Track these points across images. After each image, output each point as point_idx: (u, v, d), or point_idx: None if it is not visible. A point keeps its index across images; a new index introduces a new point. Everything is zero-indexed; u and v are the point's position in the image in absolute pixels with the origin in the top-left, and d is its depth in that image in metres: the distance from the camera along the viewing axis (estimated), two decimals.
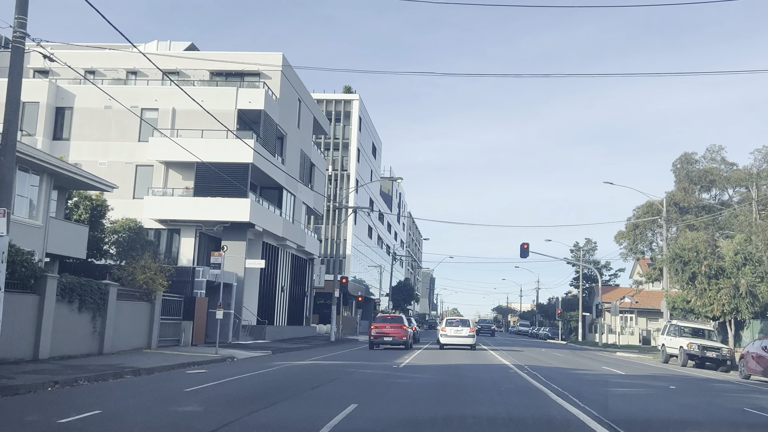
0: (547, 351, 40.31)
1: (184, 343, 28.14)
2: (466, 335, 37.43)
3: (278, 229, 39.91)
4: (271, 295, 41.70)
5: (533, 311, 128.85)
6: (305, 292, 50.22)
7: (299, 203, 44.79)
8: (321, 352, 30.57)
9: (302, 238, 45.87)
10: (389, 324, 36.81)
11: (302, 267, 49.20)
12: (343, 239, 64.89)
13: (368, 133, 72.84)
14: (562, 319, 75.45)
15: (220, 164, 34.57)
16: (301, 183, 45.04)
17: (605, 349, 52.68)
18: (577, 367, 24.14)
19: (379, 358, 25.55)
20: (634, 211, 62.56)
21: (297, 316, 48.07)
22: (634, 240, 60.45)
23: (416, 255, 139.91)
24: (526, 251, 54.24)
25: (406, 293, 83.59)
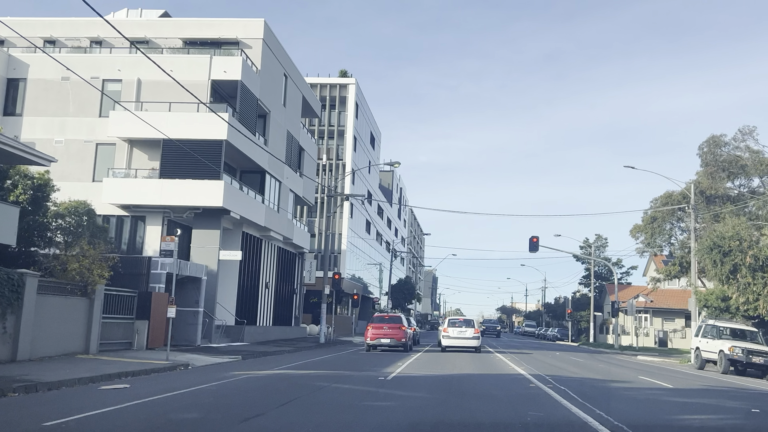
0: (562, 355, 35.85)
1: (137, 346, 23.76)
2: (470, 337, 33.07)
3: (260, 217, 35.52)
4: (252, 292, 37.31)
5: (539, 311, 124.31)
6: (294, 290, 45.81)
7: (285, 190, 40.39)
8: (302, 356, 26.18)
9: (289, 229, 41.48)
10: (387, 325, 32.62)
11: (290, 262, 44.80)
12: (338, 233, 60.51)
13: (366, 121, 68.42)
14: (572, 319, 70.96)
15: (189, 141, 30.23)
16: (288, 167, 40.64)
17: (623, 352, 48.18)
18: (609, 378, 19.68)
19: (366, 366, 21.17)
20: (651, 203, 58.06)
21: (284, 315, 43.67)
22: (651, 234, 55.88)
23: (418, 253, 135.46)
24: (536, 245, 49.89)
25: (407, 292, 79.13)
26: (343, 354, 28.91)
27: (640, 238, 58.30)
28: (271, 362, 22.37)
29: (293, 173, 41.99)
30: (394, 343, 32.59)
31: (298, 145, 43.19)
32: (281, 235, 39.98)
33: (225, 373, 17.51)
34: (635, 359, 37.86)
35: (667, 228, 56.47)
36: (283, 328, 42.49)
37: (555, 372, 20.73)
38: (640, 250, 58.76)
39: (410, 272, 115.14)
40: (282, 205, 39.53)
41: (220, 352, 25.67)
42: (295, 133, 41.94)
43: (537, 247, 50.29)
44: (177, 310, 28.47)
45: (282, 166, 39.28)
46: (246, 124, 32.99)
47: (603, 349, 51.03)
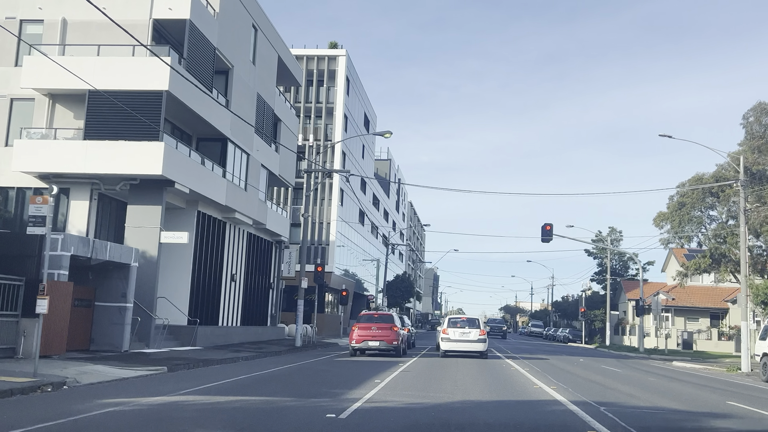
0: (587, 362, 29.43)
1: (23, 353, 17.41)
2: (474, 339, 26.75)
3: (219, 194, 29.19)
4: (212, 286, 30.96)
5: (546, 311, 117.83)
6: (271, 284, 39.48)
7: (255, 165, 34.03)
8: (253, 367, 19.85)
9: (262, 212, 35.14)
10: (376, 325, 26.52)
11: (265, 251, 38.46)
12: (326, 222, 54.16)
13: (358, 100, 62.01)
14: (586, 318, 64.55)
15: (123, 93, 23.97)
16: (259, 138, 34.29)
17: (650, 356, 41.76)
18: (697, 408, 12.87)
19: (327, 384, 14.85)
20: (677, 188, 51.62)
21: (257, 314, 37.32)
22: (679, 222, 49.44)
23: (418, 250, 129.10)
24: (549, 233, 43.60)
25: (405, 289, 72.74)
26: (311, 363, 22.54)
27: (665, 227, 51.87)
28: (200, 377, 16.07)
29: (266, 146, 35.64)
30: (384, 347, 26.40)
31: (273, 114, 36.82)
32: (250, 219, 33.64)
33: (97, 400, 11.20)
34: (673, 366, 31.50)
35: (696, 216, 50.05)
36: (255, 329, 36.15)
37: (605, 395, 14.31)
38: (664, 241, 52.26)
39: (410, 269, 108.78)
40: (252, 182, 33.17)
41: (144, 361, 19.33)
42: (268, 99, 35.57)
43: (550, 236, 44.06)
44: (97, 306, 22.20)
45: (250, 135, 32.94)
46: (199, 77, 26.66)
47: (627, 353, 44.61)
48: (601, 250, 78.73)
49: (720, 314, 64.10)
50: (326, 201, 54.49)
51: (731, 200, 47.18)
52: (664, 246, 52.92)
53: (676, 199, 51.56)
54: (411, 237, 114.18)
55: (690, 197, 49.49)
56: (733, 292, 64.34)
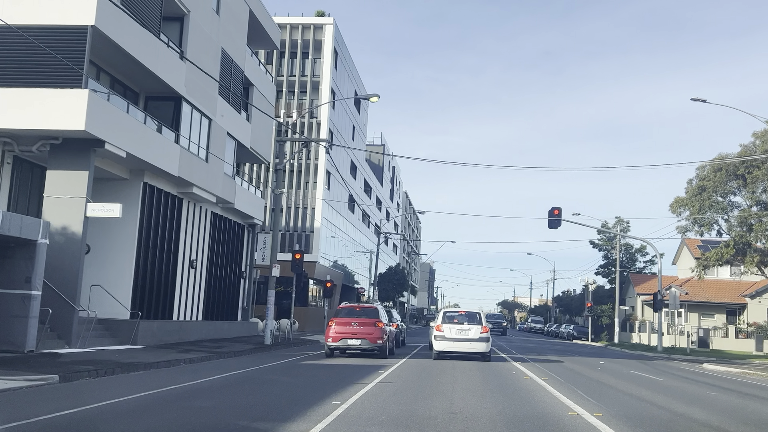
0: (611, 365, 24.68)
1: None
2: (474, 338, 22.00)
3: (171, 163, 24.35)
4: (164, 274, 26.15)
5: (546, 306, 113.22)
6: (242, 273, 34.69)
7: (219, 133, 29.18)
8: (191, 374, 15.07)
9: (229, 189, 30.33)
10: (357, 320, 21.75)
11: (235, 236, 33.65)
12: (311, 207, 49.33)
13: (348, 76, 57.08)
14: (592, 314, 59.87)
15: (38, 28, 19.10)
16: (225, 102, 29.44)
17: (671, 356, 37.07)
18: None
19: (259, 409, 10.11)
20: (697, 171, 46.91)
21: (224, 307, 32.52)
22: (700, 207, 44.72)
23: (414, 243, 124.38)
24: (557, 219, 39.02)
25: (397, 282, 67.98)
26: (266, 369, 17.73)
27: (683, 213, 47.15)
28: (88, 392, 11.33)
29: (234, 113, 30.79)
30: (367, 346, 21.67)
31: (243, 77, 31.94)
32: (214, 196, 28.81)
33: None
34: (707, 370, 26.81)
35: (717, 201, 45.33)
36: (220, 325, 31.36)
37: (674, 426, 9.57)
38: (682, 229, 47.53)
39: (404, 262, 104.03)
40: (214, 151, 28.31)
41: (40, 365, 14.53)
42: (236, 58, 30.69)
43: (559, 221, 39.40)
44: (11, 295, 17.39)
45: (213, 97, 28.10)
46: (142, 18, 21.79)
47: (643, 353, 39.90)
48: (606, 241, 74.07)
49: (737, 310, 59.52)
50: (311, 184, 49.66)
51: (760, 184, 42.54)
52: (682, 234, 48.30)
53: (695, 183, 46.83)
54: (406, 229, 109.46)
55: (711, 180, 44.76)
56: (751, 286, 59.71)
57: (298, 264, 33.85)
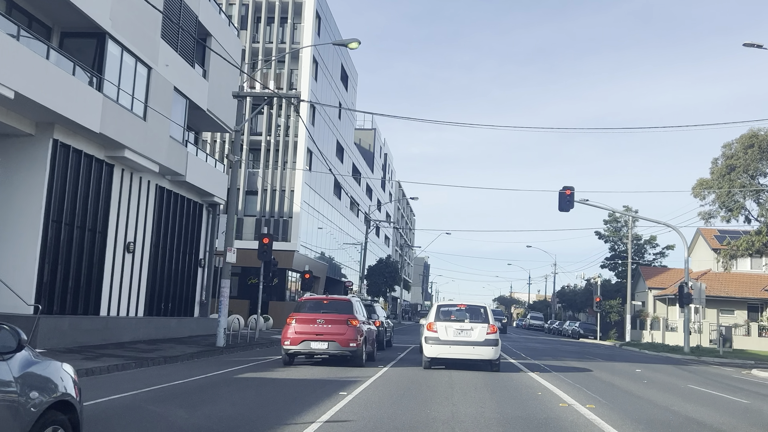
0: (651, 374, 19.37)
1: None
2: (479, 340, 16.62)
3: (89, 115, 18.95)
4: (87, 258, 20.77)
5: (546, 301, 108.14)
6: (200, 262, 29.32)
7: (164, 87, 23.72)
8: None
9: (177, 157, 24.95)
10: (324, 316, 16.33)
11: (190, 216, 28.27)
12: (289, 189, 43.92)
13: (334, 47, 51.62)
14: (601, 310, 54.69)
15: None
16: (171, 49, 24.02)
17: (701, 358, 31.87)
18: None
19: None
20: (723, 149, 41.74)
21: (176, 301, 27.16)
22: (728, 190, 39.53)
23: (408, 236, 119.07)
24: (569, 199, 33.99)
25: (389, 275, 62.64)
26: (189, 385, 12.41)
27: (708, 197, 42.00)
28: None
29: (184, 65, 25.37)
30: (336, 351, 16.35)
31: (197, 23, 26.47)
32: (156, 164, 23.40)
33: None
34: (759, 377, 21.56)
35: (750, 182, 40.16)
36: (169, 322, 26.01)
37: None
38: (705, 215, 42.44)
39: (397, 256, 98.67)
40: (158, 108, 22.88)
41: None
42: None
43: (570, 203, 34.36)
44: None
45: (153, 41, 22.68)
46: None
47: (669, 354, 34.65)
48: (613, 232, 68.90)
49: (759, 306, 54.38)
50: (289, 164, 44.23)
51: None
52: (705, 221, 43.11)
53: (721, 162, 41.67)
54: (399, 220, 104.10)
55: (742, 159, 39.53)
56: None
57: (266, 250, 28.52)
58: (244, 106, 24.32)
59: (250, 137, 44.27)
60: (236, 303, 40.22)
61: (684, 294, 34.65)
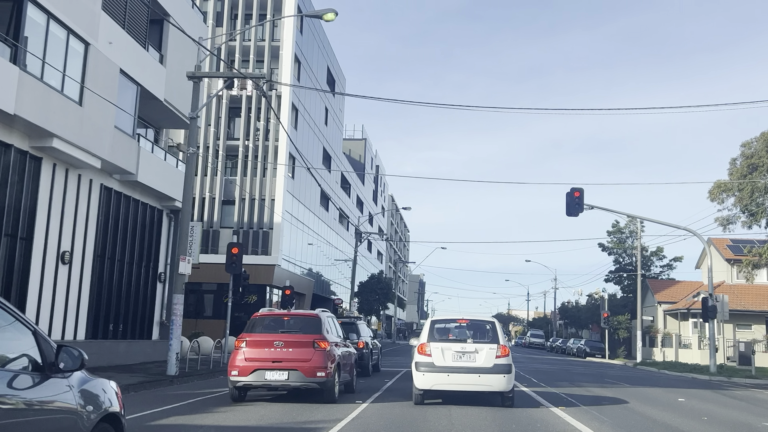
0: (696, 404, 15.64)
1: None
2: (487, 366, 12.77)
3: (1, 92, 15.31)
4: (5, 269, 17.01)
5: (546, 318, 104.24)
6: (158, 276, 25.53)
7: (107, 67, 20.08)
8: None
9: (125, 152, 21.29)
10: (283, 337, 12.46)
11: (147, 223, 24.54)
12: (270, 198, 40.21)
13: (318, 47, 48.22)
14: (609, 326, 50.94)
15: None
16: (116, 24, 20.43)
17: (731, 379, 28.14)
18: None
19: None
20: (742, 148, 38.30)
21: (129, 321, 23.37)
22: (751, 192, 36.02)
23: (402, 253, 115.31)
24: (578, 202, 30.71)
25: (381, 291, 58.80)
26: None
27: (727, 201, 38.48)
28: None
29: (136, 46, 21.77)
30: (299, 382, 12.49)
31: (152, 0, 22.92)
32: (96, 158, 19.71)
33: None
34: None
35: None
36: (116, 346, 22.20)
37: None
38: (723, 220, 38.90)
39: (390, 272, 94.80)
40: (100, 92, 19.21)
41: None
42: None
43: (580, 206, 30.93)
44: None
45: (92, 11, 19.10)
46: None
47: (695, 375, 30.87)
48: (617, 243, 65.27)
49: None
50: (270, 171, 40.56)
51: None
52: (724, 228, 39.49)
53: (740, 162, 38.21)
54: (393, 236, 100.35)
55: (765, 157, 36.04)
56: None
57: (235, 262, 24.90)
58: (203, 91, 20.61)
59: (227, 142, 40.67)
60: (212, 323, 36.51)
61: (709, 307, 30.98)
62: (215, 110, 40.49)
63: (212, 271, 34.56)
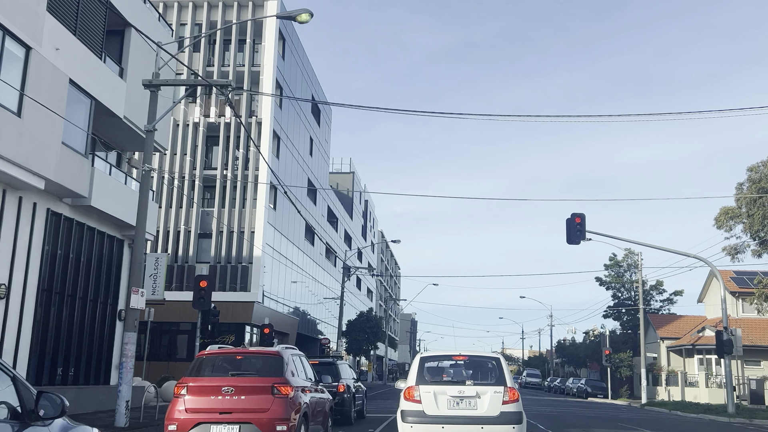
0: None
1: None
2: (491, 415, 10.22)
3: None
4: None
5: (542, 357, 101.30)
6: (117, 313, 22.93)
7: (53, 76, 17.80)
8: None
9: (76, 172, 18.93)
10: (234, 381, 9.90)
11: (103, 254, 22.05)
12: (250, 230, 37.75)
13: (302, 73, 46.35)
14: (611, 364, 48.31)
15: None
16: (68, 30, 18.22)
17: (753, 421, 25.56)
18: None
19: None
20: (749, 173, 36.32)
21: (83, 364, 20.74)
22: (763, 216, 33.88)
23: (393, 291, 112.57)
24: (579, 230, 28.69)
25: (370, 330, 56.01)
26: None
27: (735, 227, 36.32)
28: None
29: (90, 56, 19.56)
30: None
31: (108, 6, 20.76)
32: (40, 178, 17.32)
33: None
34: None
35: None
36: (64, 391, 19.38)
37: None
38: (732, 249, 36.67)
39: (381, 311, 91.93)
40: (45, 103, 16.89)
41: None
42: None
43: (582, 233, 28.89)
44: None
45: (34, 12, 16.90)
46: None
47: (713, 417, 28.22)
48: (615, 278, 63.00)
49: None
50: (249, 201, 38.20)
51: None
52: (732, 257, 37.22)
53: (747, 187, 36.20)
54: (383, 273, 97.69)
55: None
56: None
57: (203, 297, 22.39)
58: (158, 102, 18.28)
59: (204, 172, 38.36)
60: (185, 366, 33.46)
61: (724, 341, 28.53)
62: (191, 138, 38.28)
63: (186, 309, 31.87)
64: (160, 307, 29.68)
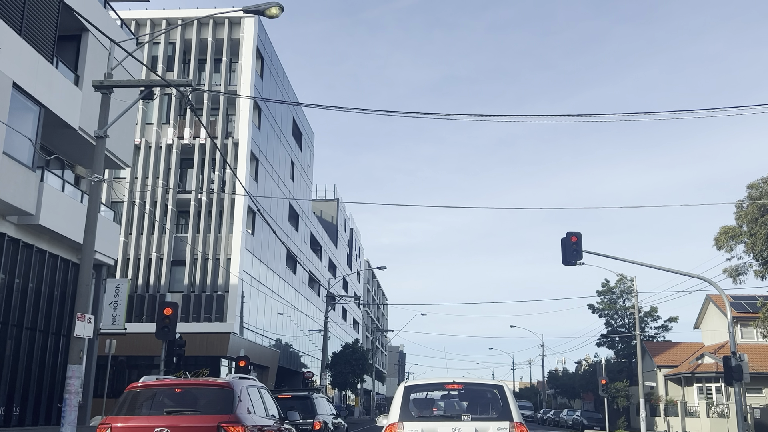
0: None
1: None
2: None
3: None
4: None
5: (533, 388, 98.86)
6: (68, 344, 20.64)
7: None
8: None
9: (21, 190, 16.97)
10: (169, 421, 7.91)
11: (55, 280, 19.95)
12: (226, 256, 35.65)
13: (280, 92, 44.71)
14: (607, 394, 46.17)
15: None
16: (11, 28, 16.39)
17: None
18: None
19: None
20: (749, 190, 34.83)
21: (34, 403, 18.52)
22: (766, 235, 32.26)
23: (381, 322, 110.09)
24: (576, 249, 26.95)
25: (356, 363, 53.61)
26: None
27: (736, 248, 34.68)
28: None
29: (38, 58, 17.71)
30: None
31: (60, 6, 18.97)
32: None
33: None
34: None
35: None
36: None
37: None
38: (733, 271, 34.99)
39: (368, 343, 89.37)
40: None
41: None
42: None
43: (578, 253, 27.08)
44: None
45: None
46: None
47: None
48: (608, 305, 61.16)
49: None
50: (225, 226, 36.18)
51: None
52: (733, 279, 35.53)
53: (747, 205, 34.67)
54: (370, 304, 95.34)
55: None
56: None
57: (167, 326, 20.29)
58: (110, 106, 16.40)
59: (177, 196, 36.36)
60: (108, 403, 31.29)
61: (733, 367, 26.61)
62: (164, 161, 36.34)
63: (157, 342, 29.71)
64: (125, 340, 27.47)
